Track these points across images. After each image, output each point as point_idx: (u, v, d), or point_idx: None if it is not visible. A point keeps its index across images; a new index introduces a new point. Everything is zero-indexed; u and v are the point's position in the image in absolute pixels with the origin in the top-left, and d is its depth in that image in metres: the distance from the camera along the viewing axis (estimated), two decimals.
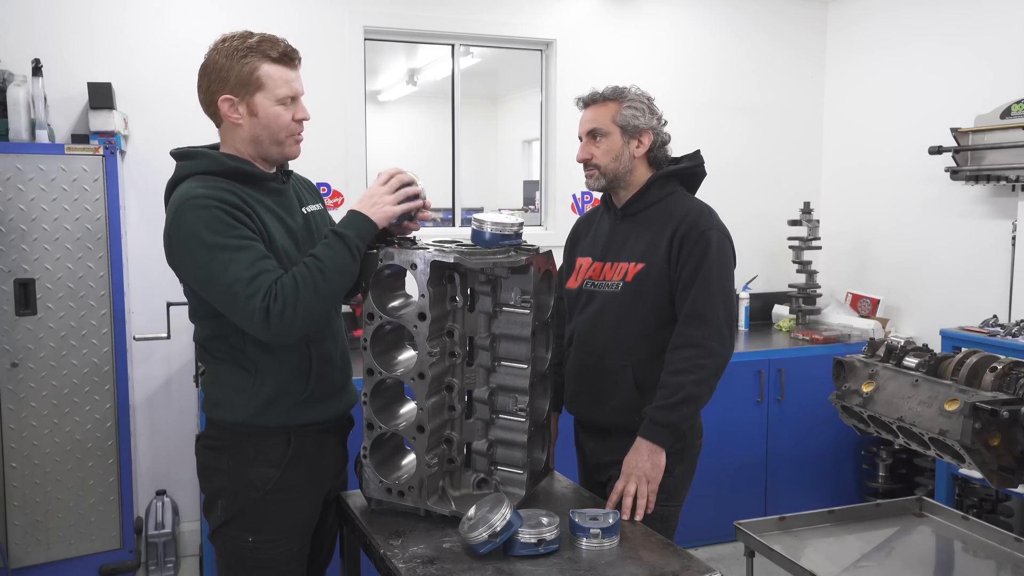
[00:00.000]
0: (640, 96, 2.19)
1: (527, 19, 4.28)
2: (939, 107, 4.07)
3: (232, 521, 1.86)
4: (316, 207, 2.02)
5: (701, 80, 4.63)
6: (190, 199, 1.73)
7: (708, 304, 2.04)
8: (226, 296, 1.71)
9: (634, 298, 2.13)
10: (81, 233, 3.19)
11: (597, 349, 2.18)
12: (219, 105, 1.81)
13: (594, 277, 2.22)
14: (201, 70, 1.83)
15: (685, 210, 2.14)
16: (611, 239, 2.23)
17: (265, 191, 1.87)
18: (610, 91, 2.18)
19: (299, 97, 1.87)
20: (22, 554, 3.20)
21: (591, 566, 1.66)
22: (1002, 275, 3.82)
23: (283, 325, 1.68)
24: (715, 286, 2.05)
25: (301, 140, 1.90)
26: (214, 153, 1.84)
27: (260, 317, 1.67)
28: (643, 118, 2.15)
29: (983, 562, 2.28)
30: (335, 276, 1.74)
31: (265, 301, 1.67)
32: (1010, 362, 1.73)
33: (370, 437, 1.88)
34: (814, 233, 4.37)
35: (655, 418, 2.00)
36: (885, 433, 1.92)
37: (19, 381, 3.15)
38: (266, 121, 1.82)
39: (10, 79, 3.20)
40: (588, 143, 2.19)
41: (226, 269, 1.69)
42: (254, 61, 1.79)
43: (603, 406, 2.19)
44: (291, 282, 1.70)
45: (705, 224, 2.10)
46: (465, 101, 4.36)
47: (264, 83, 1.80)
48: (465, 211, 4.39)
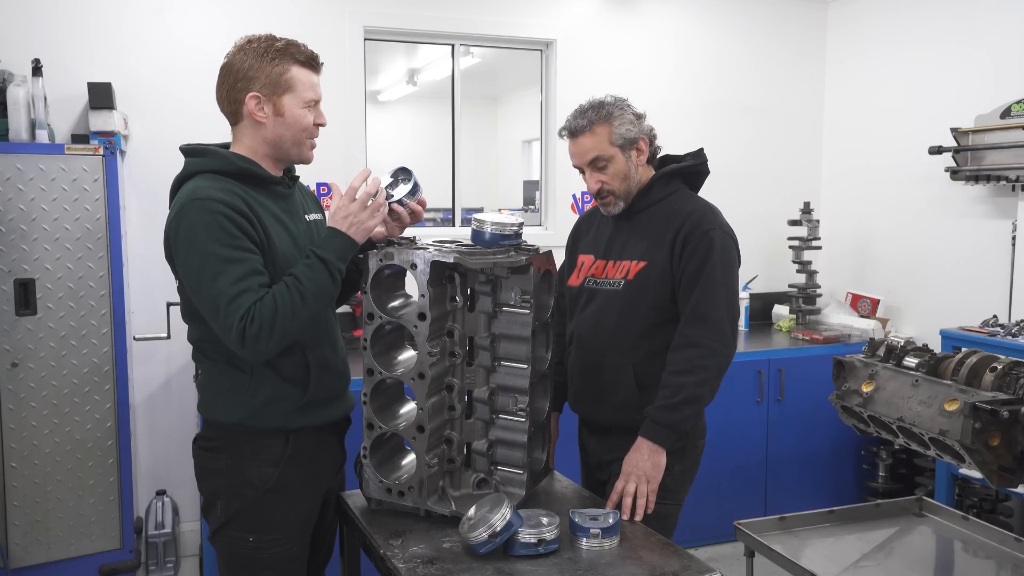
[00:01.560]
0: (623, 107, 2.14)
1: (527, 19, 4.28)
2: (939, 107, 4.07)
3: (232, 521, 1.85)
4: (317, 216, 2.03)
5: (701, 80, 4.63)
6: (196, 199, 1.73)
7: (711, 304, 2.03)
8: (209, 306, 1.73)
9: (635, 296, 2.12)
10: (81, 233, 3.19)
11: (598, 347, 2.17)
12: (246, 102, 1.82)
13: (596, 275, 2.21)
14: (224, 69, 1.84)
15: (688, 209, 2.13)
16: (613, 238, 2.22)
17: (271, 195, 1.87)
18: (594, 113, 2.12)
19: (320, 102, 1.89)
20: (22, 554, 3.20)
21: (591, 566, 1.66)
22: (1002, 275, 3.82)
23: (257, 346, 1.70)
24: (718, 286, 2.05)
25: (315, 147, 1.92)
26: (225, 152, 1.85)
27: (236, 336, 1.69)
28: (634, 127, 2.13)
29: (983, 562, 2.28)
30: (314, 300, 1.75)
31: (243, 322, 1.68)
32: (1010, 362, 1.73)
33: (370, 437, 1.88)
34: (814, 233, 4.37)
35: (656, 418, 2.00)
36: (885, 433, 1.92)
37: (19, 381, 3.15)
38: (291, 122, 1.84)
39: (10, 79, 3.19)
40: (594, 173, 2.15)
41: (214, 280, 1.70)
42: (285, 63, 1.82)
43: (604, 404, 2.19)
44: (270, 304, 1.71)
45: (708, 224, 2.09)
46: (465, 101, 4.36)
47: (293, 85, 1.83)
48: (465, 211, 4.39)
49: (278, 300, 1.71)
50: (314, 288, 1.75)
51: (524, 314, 1.86)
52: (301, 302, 1.73)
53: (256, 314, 1.69)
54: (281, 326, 1.71)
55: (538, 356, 1.92)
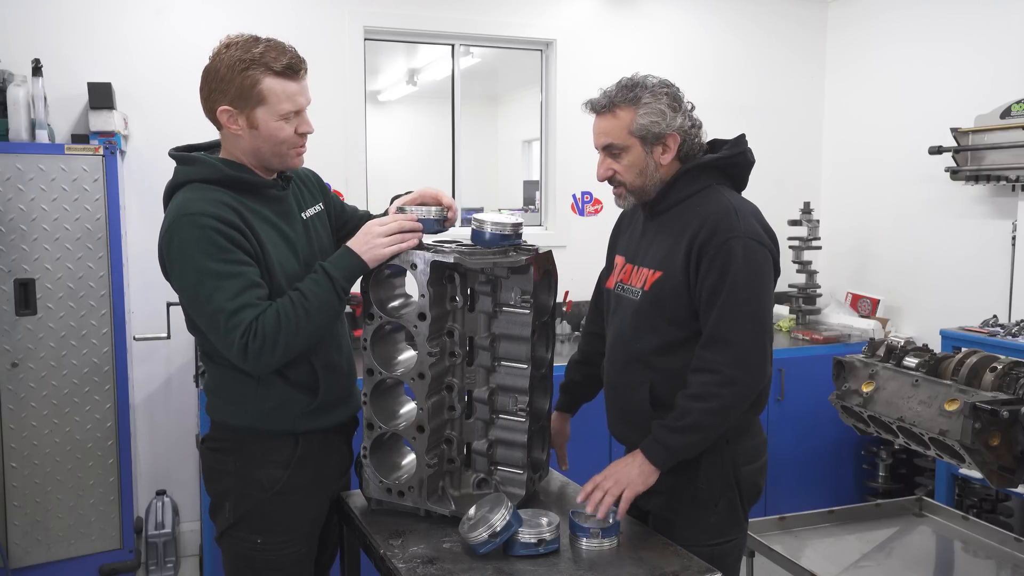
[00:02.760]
0: (658, 93, 1.89)
1: (527, 19, 4.27)
2: (939, 107, 4.06)
3: (240, 523, 1.85)
4: (315, 209, 1.98)
5: (701, 80, 4.62)
6: (186, 215, 1.70)
7: (732, 326, 1.77)
8: (208, 322, 1.71)
9: (650, 309, 1.89)
10: (81, 233, 3.19)
11: (618, 361, 1.98)
12: (218, 116, 1.76)
13: (624, 281, 2.00)
14: (203, 75, 1.78)
15: (708, 212, 1.83)
16: (640, 240, 2.00)
17: (264, 199, 1.83)
18: (621, 94, 1.87)
19: (303, 110, 1.81)
20: (22, 554, 3.20)
21: (591, 566, 1.66)
22: (1002, 275, 3.81)
23: (260, 361, 1.69)
24: (742, 305, 1.77)
25: (304, 152, 1.86)
26: (213, 160, 1.80)
27: (238, 351, 1.67)
28: (664, 121, 1.86)
29: (983, 562, 2.28)
30: (318, 316, 1.73)
31: (244, 338, 1.66)
32: (1010, 362, 1.73)
33: (370, 437, 1.88)
34: (814, 233, 4.37)
35: (657, 435, 1.82)
36: (885, 433, 1.92)
37: (19, 381, 3.15)
38: (266, 135, 1.77)
39: (10, 79, 3.19)
40: (606, 159, 1.92)
41: (211, 297, 1.67)
42: (256, 74, 1.72)
43: (624, 422, 2.02)
44: (273, 319, 1.68)
45: (728, 230, 1.79)
46: (465, 101, 4.36)
47: (266, 98, 1.74)
48: (465, 211, 4.39)
49: (282, 315, 1.69)
50: (319, 304, 1.73)
51: (524, 314, 1.86)
52: (306, 318, 1.71)
53: (258, 329, 1.66)
54: (284, 340, 1.69)
55: (538, 356, 1.92)
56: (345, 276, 1.76)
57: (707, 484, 1.89)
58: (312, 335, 1.75)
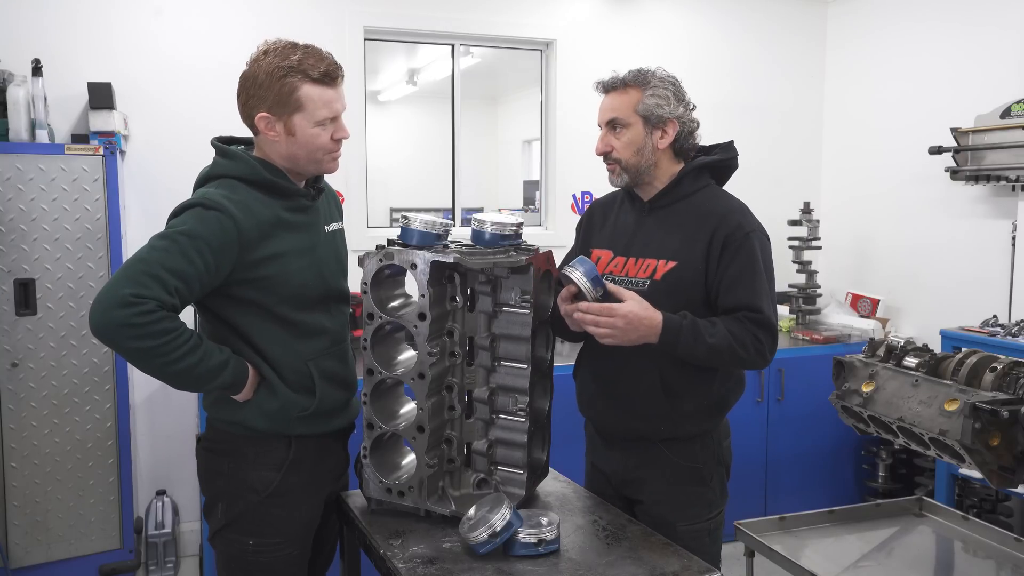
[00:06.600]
0: (666, 81, 2.02)
1: (527, 19, 4.28)
2: (939, 107, 4.07)
3: (232, 524, 1.85)
4: (337, 226, 2.01)
5: (701, 80, 4.59)
6: (202, 206, 1.70)
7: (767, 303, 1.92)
8: (127, 266, 1.63)
9: (665, 297, 1.93)
10: (81, 233, 3.19)
11: (622, 350, 1.92)
12: (256, 122, 1.78)
13: (616, 273, 2.04)
14: (241, 81, 1.80)
15: (724, 208, 1.99)
16: (636, 233, 2.06)
17: (293, 207, 1.84)
18: (632, 76, 2.02)
19: (339, 116, 1.83)
20: (22, 554, 3.20)
21: (591, 566, 1.66)
22: (1002, 275, 3.82)
23: (117, 333, 1.58)
24: (770, 290, 1.95)
25: (339, 156, 1.88)
26: (252, 160, 1.81)
27: (114, 302, 1.57)
28: (668, 107, 1.99)
29: (983, 562, 2.28)
30: (186, 373, 1.67)
31: (136, 306, 1.57)
32: (1010, 362, 1.73)
33: (370, 437, 1.88)
34: (814, 233, 4.37)
35: (687, 328, 1.85)
36: (885, 433, 1.92)
37: (19, 381, 3.15)
38: (303, 141, 1.79)
39: (10, 79, 3.20)
40: (607, 134, 2.03)
41: (153, 248, 1.63)
42: (294, 81, 1.74)
43: (625, 412, 2.04)
44: (168, 327, 1.62)
45: (749, 225, 1.97)
46: (465, 101, 4.36)
47: (304, 105, 1.76)
48: (465, 211, 4.39)
49: (173, 336, 1.62)
50: (202, 371, 1.69)
51: (524, 314, 1.86)
52: (179, 360, 1.64)
53: (154, 316, 1.58)
54: (146, 348, 1.61)
55: (538, 356, 1.92)
56: (233, 384, 1.76)
57: (704, 463, 2.04)
58: (165, 375, 1.68)
